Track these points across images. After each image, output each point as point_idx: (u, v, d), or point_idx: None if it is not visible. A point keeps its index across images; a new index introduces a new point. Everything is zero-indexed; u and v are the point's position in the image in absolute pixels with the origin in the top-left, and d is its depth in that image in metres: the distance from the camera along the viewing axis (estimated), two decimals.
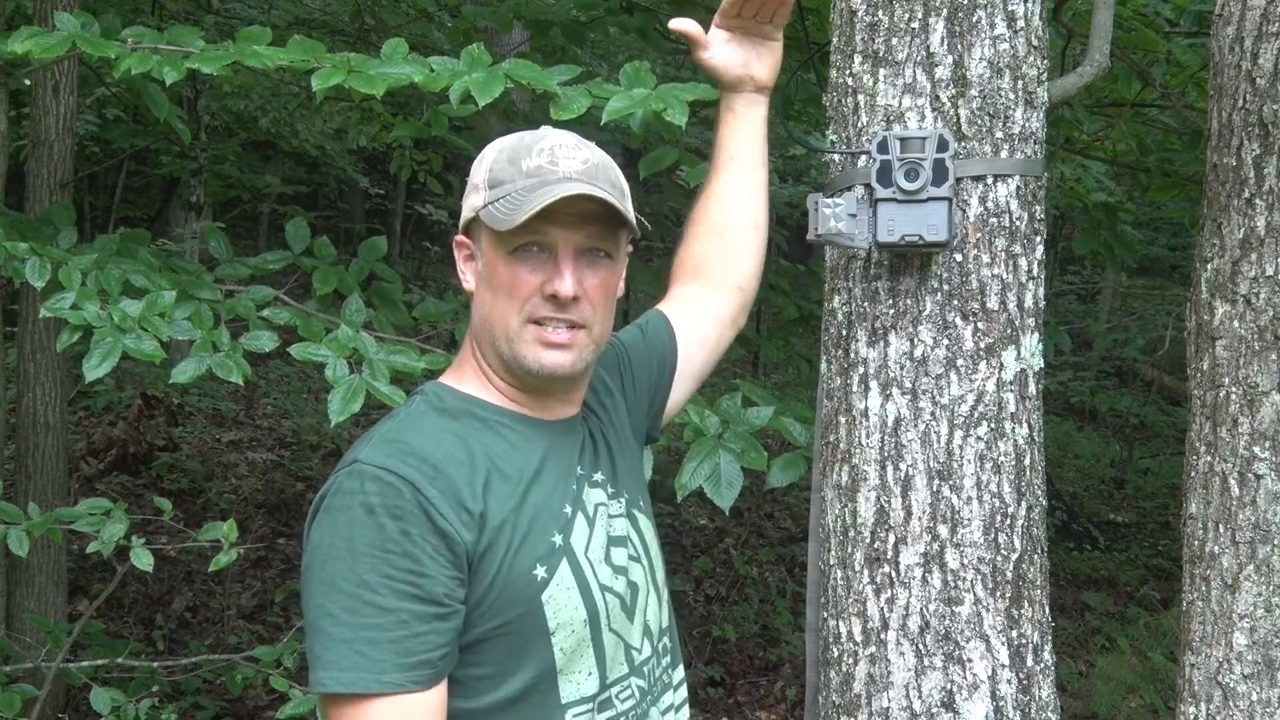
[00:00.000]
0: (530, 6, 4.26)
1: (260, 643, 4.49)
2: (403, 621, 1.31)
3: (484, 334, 1.50)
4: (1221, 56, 1.89)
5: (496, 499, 1.40)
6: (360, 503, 1.34)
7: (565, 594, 1.42)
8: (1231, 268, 1.85)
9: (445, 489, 1.36)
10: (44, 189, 4.08)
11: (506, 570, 1.38)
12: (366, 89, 2.48)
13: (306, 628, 1.36)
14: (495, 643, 1.39)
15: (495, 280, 1.46)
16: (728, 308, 1.83)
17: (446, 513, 1.35)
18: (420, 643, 1.32)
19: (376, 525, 1.33)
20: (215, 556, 2.91)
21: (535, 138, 1.49)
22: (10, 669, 3.31)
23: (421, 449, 1.38)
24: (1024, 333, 1.74)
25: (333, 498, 1.37)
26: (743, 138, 1.85)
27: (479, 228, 1.48)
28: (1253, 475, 1.82)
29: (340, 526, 1.34)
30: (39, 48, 2.62)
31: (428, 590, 1.33)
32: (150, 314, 2.59)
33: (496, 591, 1.38)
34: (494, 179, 1.46)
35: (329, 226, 11.79)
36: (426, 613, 1.33)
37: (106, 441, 6.71)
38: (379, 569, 1.31)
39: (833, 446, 1.81)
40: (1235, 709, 1.82)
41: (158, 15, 6.60)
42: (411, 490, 1.34)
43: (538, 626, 1.40)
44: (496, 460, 1.43)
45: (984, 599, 1.72)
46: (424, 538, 1.33)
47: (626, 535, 1.55)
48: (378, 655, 1.31)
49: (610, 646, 1.47)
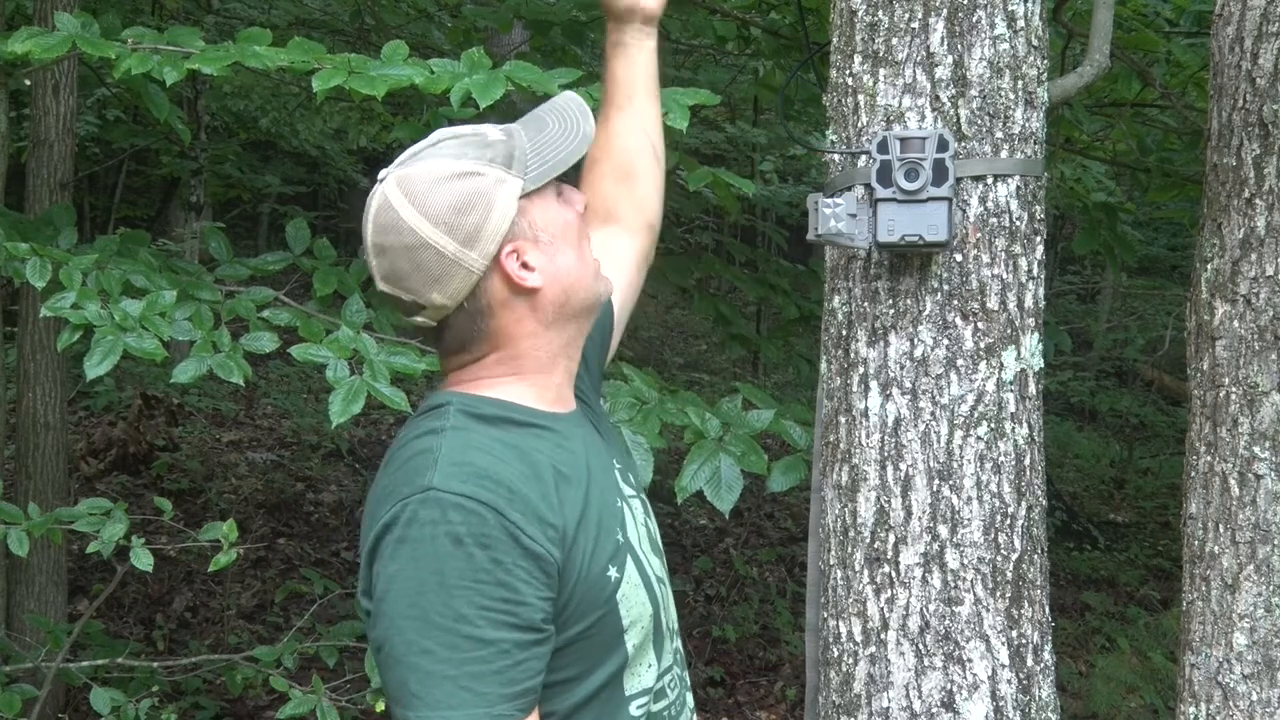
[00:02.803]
0: (530, 6, 4.26)
1: (260, 643, 4.49)
2: (504, 652, 1.28)
3: (567, 307, 1.44)
4: (1221, 56, 1.89)
5: (569, 506, 1.37)
6: (446, 533, 1.29)
7: (634, 591, 1.42)
8: (1231, 268, 1.85)
9: (526, 509, 1.32)
10: (44, 189, 4.08)
11: (585, 575, 1.36)
12: (367, 90, 2.48)
13: (393, 664, 1.30)
14: (576, 647, 1.37)
15: (569, 230, 1.44)
16: (644, 246, 1.79)
17: (534, 534, 1.31)
18: (523, 670, 1.30)
19: (466, 555, 1.28)
20: (215, 556, 2.91)
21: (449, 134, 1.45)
22: (10, 669, 3.31)
23: (492, 470, 1.33)
24: (1024, 333, 1.74)
25: (408, 527, 1.30)
26: (637, 69, 1.80)
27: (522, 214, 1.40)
28: (1253, 475, 1.82)
29: (426, 559, 1.29)
30: (39, 48, 2.62)
31: (525, 618, 1.30)
32: (151, 314, 2.59)
33: (578, 598, 1.36)
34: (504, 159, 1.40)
35: (329, 227, 11.78)
36: (526, 640, 1.30)
37: (106, 441, 6.71)
38: (474, 601, 1.28)
39: (833, 446, 1.81)
40: (1235, 709, 1.82)
41: (158, 15, 6.61)
42: (496, 516, 1.29)
43: (614, 627, 1.40)
44: (556, 464, 1.40)
45: (984, 599, 1.72)
46: (515, 564, 1.29)
47: (648, 523, 1.55)
48: (484, 689, 1.28)
49: (662, 637, 1.49)
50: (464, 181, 1.37)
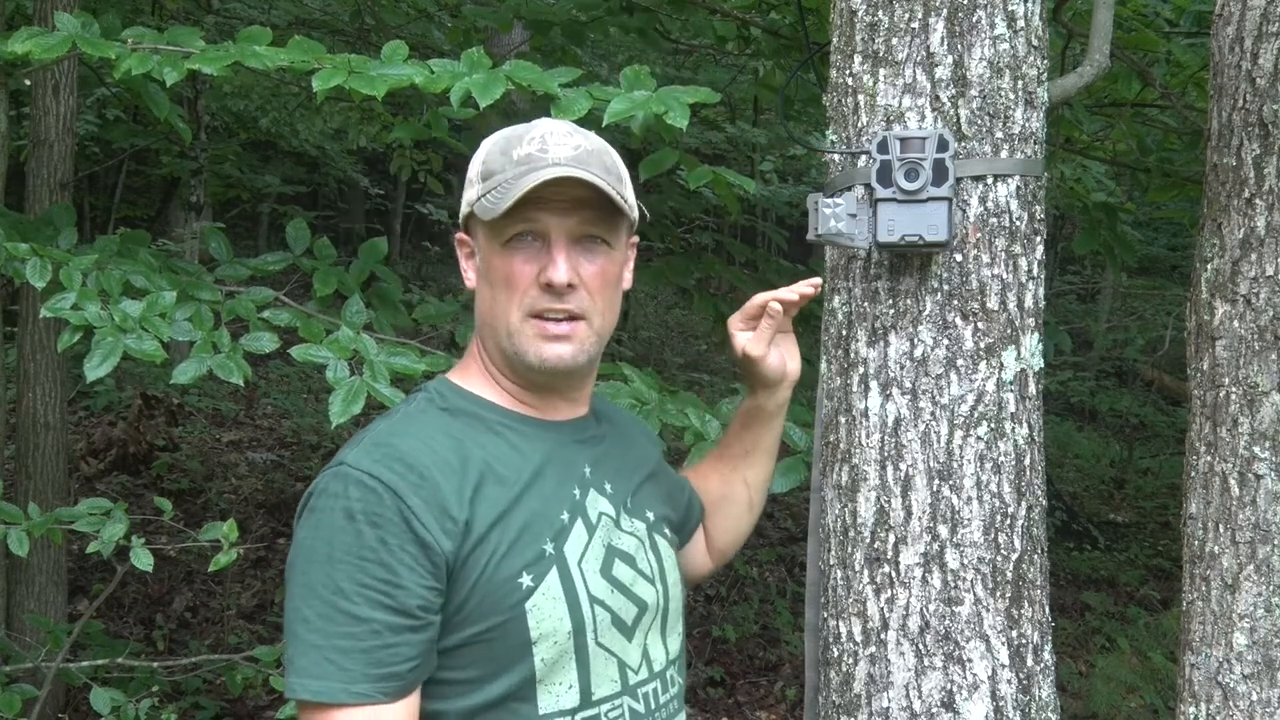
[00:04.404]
0: (530, 6, 4.26)
1: (260, 643, 4.49)
2: (375, 632, 1.31)
3: (487, 331, 1.49)
4: (1221, 56, 1.89)
5: (486, 504, 1.38)
6: (342, 507, 1.33)
7: (551, 604, 1.40)
8: (1231, 268, 1.85)
9: (429, 497, 1.34)
10: (44, 189, 4.08)
11: (490, 576, 1.36)
12: (367, 90, 2.48)
13: (285, 627, 1.36)
14: (475, 649, 1.38)
15: (493, 274, 1.44)
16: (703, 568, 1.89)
17: (428, 522, 1.33)
18: (391, 654, 1.31)
19: (355, 532, 1.32)
20: (215, 556, 2.91)
21: (528, 128, 1.48)
22: (10, 669, 3.31)
23: (410, 454, 1.37)
24: (1024, 333, 1.74)
25: (317, 498, 1.37)
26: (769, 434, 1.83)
27: (476, 223, 1.46)
28: (1253, 475, 1.82)
29: (322, 529, 1.34)
30: (39, 48, 2.62)
31: (401, 602, 1.31)
32: (151, 314, 2.59)
33: (478, 598, 1.36)
34: (486, 171, 1.45)
35: (329, 227, 11.79)
36: (399, 624, 1.31)
37: (106, 441, 6.71)
38: (355, 577, 1.31)
39: (833, 446, 1.81)
40: (1235, 709, 1.82)
41: (158, 15, 6.60)
42: (393, 498, 1.33)
43: (519, 635, 1.38)
44: (493, 463, 1.41)
45: (984, 599, 1.72)
46: (402, 548, 1.32)
47: (635, 554, 1.52)
48: (348, 665, 1.30)
49: (597, 661, 1.44)
50: (474, 159, 1.50)
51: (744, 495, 1.83)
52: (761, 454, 1.83)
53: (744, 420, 1.80)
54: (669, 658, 1.56)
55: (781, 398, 1.78)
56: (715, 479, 1.83)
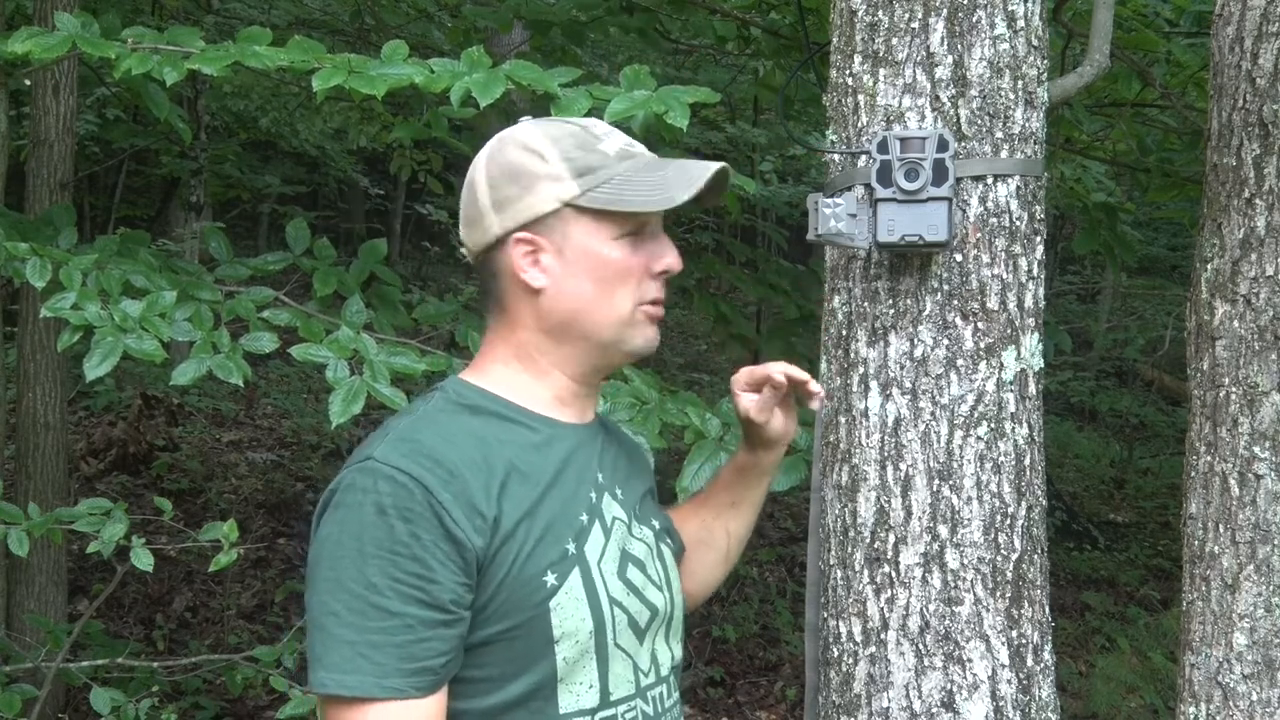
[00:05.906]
0: (530, 6, 4.26)
1: (260, 643, 4.49)
2: (408, 626, 1.30)
3: (573, 328, 1.47)
4: (1221, 56, 1.89)
5: (512, 502, 1.38)
6: (372, 502, 1.32)
7: (574, 603, 1.40)
8: (1231, 268, 1.85)
9: (459, 492, 1.34)
10: (44, 189, 4.08)
11: (516, 574, 1.37)
12: (367, 90, 2.48)
13: (309, 624, 1.35)
14: (498, 646, 1.37)
15: (601, 268, 1.45)
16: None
17: (459, 518, 1.33)
18: (424, 649, 1.31)
19: (387, 526, 1.31)
20: (215, 556, 2.91)
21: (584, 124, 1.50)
22: (10, 669, 3.31)
23: (437, 450, 1.36)
24: (1024, 333, 1.74)
25: (344, 493, 1.35)
26: (755, 492, 1.81)
27: (561, 219, 1.44)
28: (1253, 475, 1.82)
29: (350, 524, 1.33)
30: (39, 48, 2.62)
31: (435, 596, 1.31)
32: (151, 314, 2.59)
33: (504, 595, 1.36)
34: (580, 166, 1.44)
35: (329, 227, 11.79)
36: (432, 619, 1.31)
37: (106, 441, 6.71)
38: (387, 571, 1.30)
39: (833, 446, 1.81)
40: (1235, 709, 1.82)
41: (158, 15, 6.61)
42: (424, 493, 1.32)
43: (542, 634, 1.38)
44: (516, 461, 1.41)
45: (984, 599, 1.72)
46: (435, 543, 1.31)
47: (646, 560, 1.53)
48: (381, 659, 1.30)
49: (615, 661, 1.45)
50: (527, 156, 1.45)
51: (723, 544, 1.81)
52: (748, 507, 1.82)
53: (736, 472, 1.80)
54: (673, 663, 1.57)
55: (776, 456, 1.78)
56: (695, 523, 1.80)
